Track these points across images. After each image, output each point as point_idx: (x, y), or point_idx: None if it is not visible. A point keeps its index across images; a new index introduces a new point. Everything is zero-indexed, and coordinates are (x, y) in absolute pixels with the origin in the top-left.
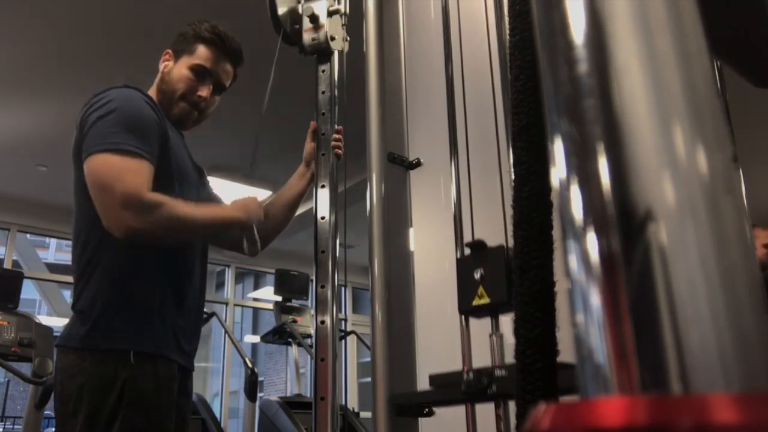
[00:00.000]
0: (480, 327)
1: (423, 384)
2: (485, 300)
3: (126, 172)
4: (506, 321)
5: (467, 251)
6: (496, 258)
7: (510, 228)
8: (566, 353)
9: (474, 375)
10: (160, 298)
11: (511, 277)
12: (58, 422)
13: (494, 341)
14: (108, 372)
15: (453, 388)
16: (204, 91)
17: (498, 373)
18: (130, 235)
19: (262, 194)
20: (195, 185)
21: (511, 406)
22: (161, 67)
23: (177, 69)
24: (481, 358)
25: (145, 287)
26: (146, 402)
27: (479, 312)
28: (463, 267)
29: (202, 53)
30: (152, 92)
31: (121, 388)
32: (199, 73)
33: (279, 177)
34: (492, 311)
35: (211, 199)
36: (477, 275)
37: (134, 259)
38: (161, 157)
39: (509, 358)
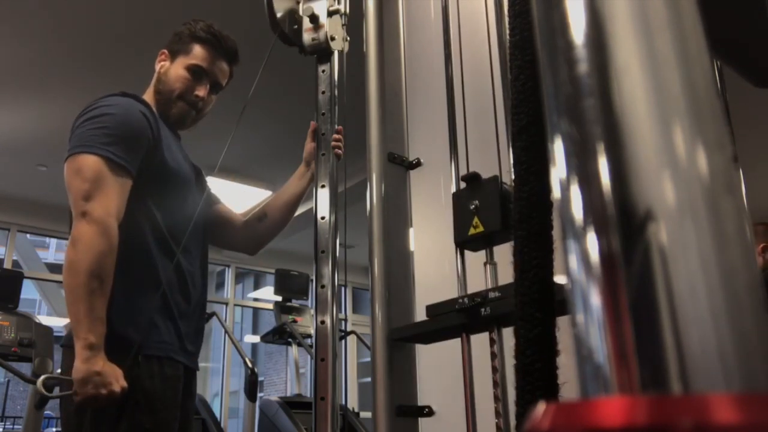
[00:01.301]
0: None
1: (423, 383)
2: (480, 229)
3: (94, 179)
4: (501, 250)
5: (463, 185)
6: (490, 188)
7: (504, 159)
8: (566, 353)
9: (468, 299)
10: (165, 300)
11: (506, 205)
12: (64, 421)
13: (488, 270)
14: None
15: (448, 316)
16: (201, 91)
17: (492, 295)
18: (75, 231)
19: (262, 194)
20: (192, 185)
21: (506, 332)
22: (157, 67)
23: (174, 69)
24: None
25: (150, 289)
26: (153, 402)
27: (474, 242)
28: (459, 200)
29: (198, 53)
30: (149, 93)
31: (128, 390)
32: (195, 72)
33: (278, 177)
34: (486, 241)
35: (210, 199)
36: (472, 207)
37: (139, 261)
38: (157, 165)
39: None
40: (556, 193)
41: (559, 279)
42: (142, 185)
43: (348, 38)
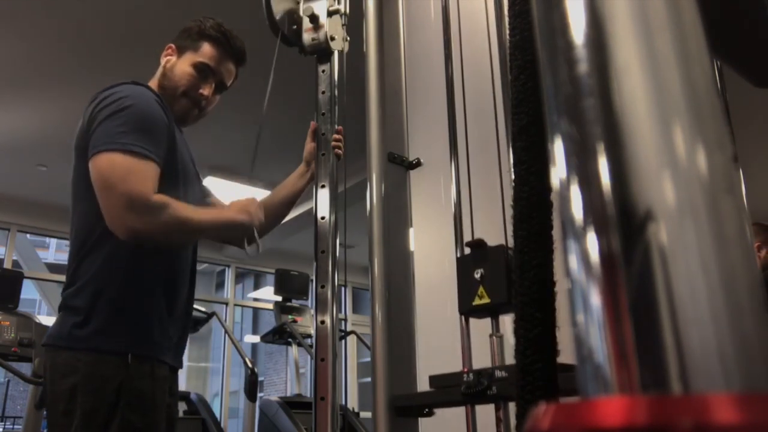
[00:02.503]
0: (480, 327)
1: (423, 383)
2: (485, 300)
3: (132, 173)
4: (506, 321)
5: (467, 250)
6: (496, 258)
7: (510, 227)
8: (566, 353)
9: (474, 376)
10: (156, 300)
11: (511, 277)
12: (50, 422)
13: (494, 342)
14: (104, 373)
15: (453, 390)
16: (206, 90)
17: (498, 374)
18: (132, 236)
19: (262, 194)
20: (194, 180)
21: (512, 407)
22: (163, 61)
23: (180, 65)
24: (482, 359)
25: (143, 289)
26: (144, 402)
27: (479, 312)
28: (463, 267)
29: (206, 51)
30: (153, 85)
31: (118, 389)
32: (202, 71)
33: (278, 177)
34: (492, 312)
35: (203, 191)
36: (477, 275)
37: (133, 260)
38: (168, 157)
39: (509, 359)
40: (556, 193)
41: (559, 279)
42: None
43: (348, 38)
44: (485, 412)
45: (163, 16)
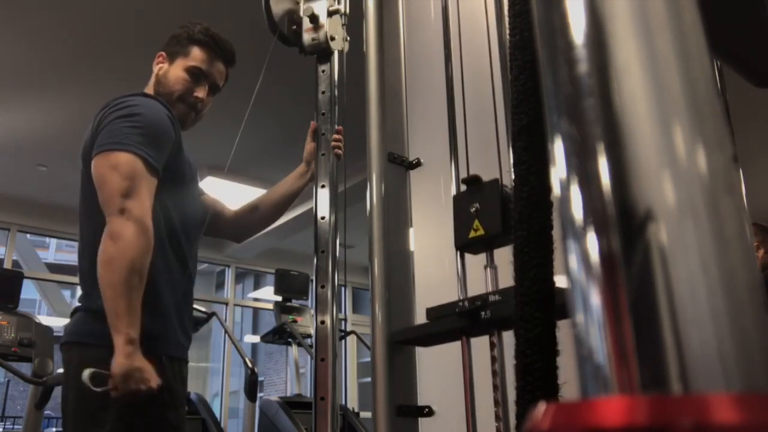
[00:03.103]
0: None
1: (423, 383)
2: (480, 233)
3: (131, 177)
4: (501, 253)
5: (463, 187)
6: (491, 191)
7: (505, 164)
8: (566, 353)
9: (468, 301)
10: (179, 299)
11: (506, 207)
12: (79, 418)
13: (489, 273)
14: None
15: (448, 319)
16: (201, 92)
17: (492, 298)
18: (115, 227)
19: (260, 194)
20: (196, 184)
21: (506, 336)
22: (155, 69)
23: (173, 71)
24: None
25: (168, 289)
26: (175, 399)
27: (475, 245)
28: (459, 203)
29: (196, 55)
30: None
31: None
32: (194, 74)
33: (277, 177)
34: (487, 244)
35: (198, 192)
36: (472, 209)
37: (158, 261)
38: (176, 163)
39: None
40: (556, 193)
41: (559, 279)
42: (161, 185)
43: (348, 38)
44: (480, 352)
45: (163, 17)
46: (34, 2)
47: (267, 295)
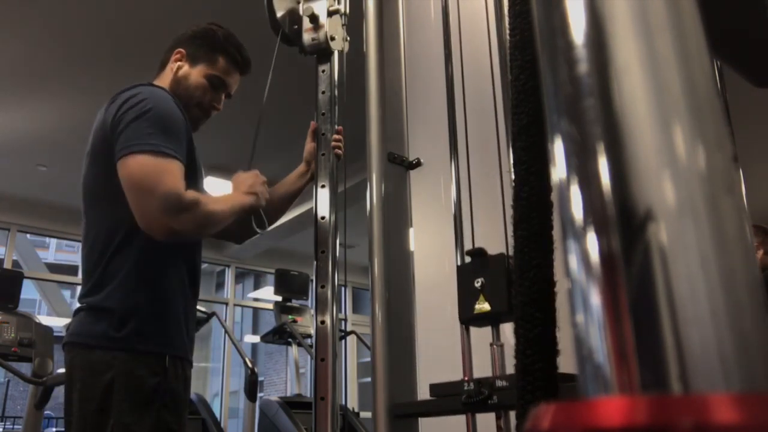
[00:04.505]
0: (481, 331)
1: (423, 385)
2: (486, 308)
3: (164, 174)
4: (507, 330)
5: (467, 258)
6: (496, 266)
7: (510, 235)
8: (566, 353)
9: (474, 385)
10: (184, 299)
11: (511, 285)
12: (79, 418)
13: (495, 351)
14: (141, 372)
15: (453, 399)
16: (219, 103)
17: (499, 383)
18: (171, 236)
19: None
20: (202, 179)
21: (512, 417)
22: (173, 66)
23: (195, 76)
24: (482, 368)
25: (173, 288)
26: (178, 402)
27: (480, 321)
28: (464, 275)
29: (221, 65)
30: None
31: (154, 389)
32: (215, 84)
33: (277, 177)
34: (493, 320)
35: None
36: (477, 284)
37: (163, 259)
38: (188, 158)
39: (510, 368)
40: (556, 193)
41: (559, 279)
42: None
43: (348, 38)
44: (485, 419)
45: (162, 19)
46: (34, 3)
47: (267, 295)
